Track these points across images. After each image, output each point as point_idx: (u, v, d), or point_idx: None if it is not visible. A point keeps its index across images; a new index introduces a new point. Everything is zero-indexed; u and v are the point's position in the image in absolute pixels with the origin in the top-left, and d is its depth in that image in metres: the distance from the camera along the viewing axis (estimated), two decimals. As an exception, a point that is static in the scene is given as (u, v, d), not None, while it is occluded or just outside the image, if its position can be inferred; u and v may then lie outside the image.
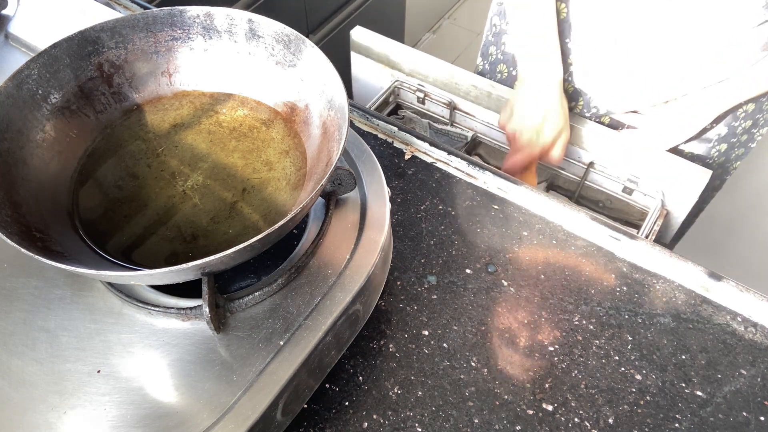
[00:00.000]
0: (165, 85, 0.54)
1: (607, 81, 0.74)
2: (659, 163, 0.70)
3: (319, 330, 0.42)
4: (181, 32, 0.52)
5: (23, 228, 0.40)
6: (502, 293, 0.56)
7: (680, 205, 0.72)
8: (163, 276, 0.38)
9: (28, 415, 0.39)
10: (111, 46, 0.51)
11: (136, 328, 0.43)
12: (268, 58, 0.52)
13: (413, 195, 0.64)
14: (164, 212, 0.47)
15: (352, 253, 0.47)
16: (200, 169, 0.49)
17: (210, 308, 0.40)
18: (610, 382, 0.50)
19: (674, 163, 0.69)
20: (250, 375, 0.40)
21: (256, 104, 0.53)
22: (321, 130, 0.49)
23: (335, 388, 0.50)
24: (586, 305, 0.55)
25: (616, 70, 0.72)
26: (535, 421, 0.48)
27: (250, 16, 0.51)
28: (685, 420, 0.48)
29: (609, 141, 0.73)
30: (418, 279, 0.56)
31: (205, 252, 0.44)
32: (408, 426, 0.47)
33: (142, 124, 0.52)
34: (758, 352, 0.52)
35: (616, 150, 0.73)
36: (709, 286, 0.56)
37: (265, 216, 0.46)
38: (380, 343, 0.52)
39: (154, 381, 0.41)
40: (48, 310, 0.44)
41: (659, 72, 0.69)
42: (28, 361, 0.41)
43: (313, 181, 0.46)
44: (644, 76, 0.70)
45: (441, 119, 0.85)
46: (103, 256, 0.44)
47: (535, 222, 0.61)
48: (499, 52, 0.85)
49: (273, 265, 0.47)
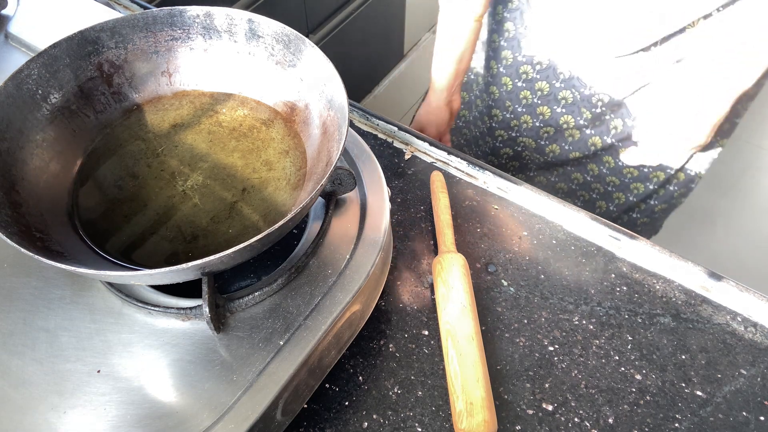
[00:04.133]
0: (165, 85, 0.54)
1: (588, 28, 0.74)
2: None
3: (319, 330, 0.42)
4: (181, 32, 0.52)
5: (23, 228, 0.40)
6: (502, 293, 0.56)
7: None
8: (163, 276, 0.38)
9: (28, 415, 0.39)
10: (111, 46, 0.51)
11: (136, 328, 0.43)
12: (268, 58, 0.52)
13: (413, 195, 0.64)
14: (164, 212, 0.47)
15: (352, 253, 0.47)
16: (200, 169, 0.49)
17: (210, 308, 0.40)
18: (610, 382, 0.50)
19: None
20: (250, 375, 0.40)
21: (256, 104, 0.53)
22: (321, 129, 0.49)
23: (335, 388, 0.50)
24: (586, 305, 0.55)
25: (596, 17, 0.73)
26: (535, 421, 0.48)
27: (250, 16, 0.51)
28: (685, 420, 0.48)
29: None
30: (418, 279, 0.56)
31: (205, 252, 0.44)
32: (408, 426, 0.47)
33: (142, 124, 0.52)
34: (758, 352, 0.52)
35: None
36: (709, 286, 0.56)
37: (265, 216, 0.46)
38: (380, 343, 0.52)
39: (154, 381, 0.41)
40: (48, 310, 0.44)
41: (638, 14, 0.70)
42: (28, 361, 0.41)
43: (313, 181, 0.46)
44: (624, 20, 0.71)
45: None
46: (103, 256, 0.44)
47: (535, 222, 0.61)
48: (501, 66, 0.86)
49: (273, 265, 0.47)
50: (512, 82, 0.85)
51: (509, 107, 0.88)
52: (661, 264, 0.58)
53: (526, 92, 0.84)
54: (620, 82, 0.76)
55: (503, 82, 0.86)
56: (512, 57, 0.83)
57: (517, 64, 0.83)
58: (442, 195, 0.61)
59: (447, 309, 0.51)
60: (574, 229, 0.61)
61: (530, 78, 0.82)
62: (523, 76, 0.83)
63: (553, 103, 0.82)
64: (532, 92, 0.84)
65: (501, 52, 0.85)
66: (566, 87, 0.80)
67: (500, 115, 0.90)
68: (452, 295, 0.51)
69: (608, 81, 0.76)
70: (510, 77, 0.85)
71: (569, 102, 0.81)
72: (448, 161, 0.67)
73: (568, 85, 0.79)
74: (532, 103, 0.84)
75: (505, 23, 0.82)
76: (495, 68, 0.87)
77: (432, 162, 0.67)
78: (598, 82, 0.77)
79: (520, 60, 0.82)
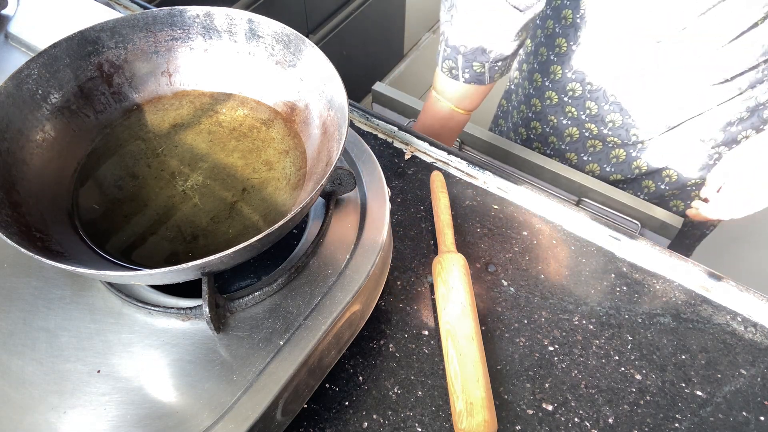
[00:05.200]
0: (165, 85, 0.54)
1: (611, 113, 0.77)
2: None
3: (319, 330, 0.42)
4: (181, 32, 0.52)
5: (23, 228, 0.40)
6: (502, 293, 0.56)
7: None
8: (163, 276, 0.38)
9: (28, 415, 0.39)
10: (111, 46, 0.51)
11: (136, 328, 0.43)
12: (268, 57, 0.52)
13: (413, 195, 0.64)
14: (164, 212, 0.47)
15: (352, 253, 0.47)
16: (200, 169, 0.49)
17: (210, 308, 0.40)
18: (610, 382, 0.50)
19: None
20: (250, 375, 0.40)
21: (256, 104, 0.53)
22: (321, 129, 0.49)
23: (335, 388, 0.50)
24: (586, 305, 0.55)
25: (620, 102, 0.75)
26: (535, 421, 0.48)
27: (250, 16, 0.51)
28: (685, 420, 0.48)
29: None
30: (418, 279, 0.56)
31: (205, 252, 0.44)
32: (408, 426, 0.47)
33: (142, 124, 0.52)
34: (758, 352, 0.52)
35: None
36: (709, 286, 0.56)
37: (265, 216, 0.46)
38: (380, 343, 0.52)
39: (154, 381, 0.41)
40: (48, 310, 0.44)
41: (658, 103, 0.73)
42: (28, 361, 0.41)
43: (313, 181, 0.46)
44: (645, 107, 0.74)
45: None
46: (103, 256, 0.44)
47: (535, 222, 0.61)
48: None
49: (273, 265, 0.47)
50: (558, 97, 0.83)
51: (552, 121, 0.86)
52: (661, 264, 0.58)
53: (571, 108, 0.82)
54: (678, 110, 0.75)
55: (547, 95, 0.84)
56: (561, 72, 0.81)
57: (565, 81, 0.81)
58: (442, 195, 0.61)
59: (447, 309, 0.51)
60: (574, 229, 0.61)
61: (578, 96, 0.81)
62: (570, 93, 0.81)
63: (600, 124, 0.81)
64: (579, 110, 0.82)
65: (550, 66, 0.82)
66: (615, 110, 0.78)
67: (540, 128, 0.88)
68: (452, 295, 0.51)
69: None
70: (556, 92, 0.83)
71: (616, 125, 0.79)
72: (448, 161, 0.67)
73: (616, 108, 0.78)
74: (579, 119, 0.83)
75: (557, 38, 0.80)
76: (539, 81, 0.85)
77: (432, 162, 0.67)
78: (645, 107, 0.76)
79: (570, 77, 0.80)
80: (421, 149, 0.68)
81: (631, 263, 0.58)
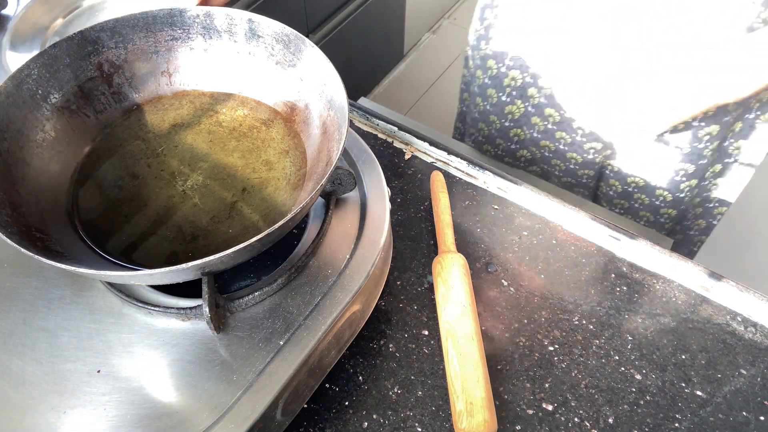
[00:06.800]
0: (165, 85, 0.54)
1: (601, 113, 0.78)
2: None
3: (319, 330, 0.42)
4: (181, 32, 0.52)
5: (23, 228, 0.40)
6: (502, 293, 0.56)
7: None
8: (163, 276, 0.38)
9: (28, 415, 0.39)
10: (111, 46, 0.51)
11: (136, 328, 0.43)
12: (268, 57, 0.52)
13: (413, 195, 0.64)
14: (164, 212, 0.47)
15: (352, 253, 0.47)
16: (200, 169, 0.49)
17: (210, 308, 0.40)
18: (610, 382, 0.50)
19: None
20: (250, 375, 0.40)
21: (256, 104, 0.53)
22: (321, 129, 0.49)
23: (335, 388, 0.50)
24: (586, 305, 0.55)
25: (610, 104, 0.76)
26: (535, 421, 0.48)
27: (250, 16, 0.51)
28: (685, 420, 0.48)
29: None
30: (418, 279, 0.56)
31: (205, 252, 0.44)
32: (408, 426, 0.47)
33: (141, 124, 0.52)
34: (758, 352, 0.52)
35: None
36: (709, 286, 0.56)
37: (265, 216, 0.46)
38: (380, 343, 0.52)
39: (154, 381, 0.41)
40: (48, 310, 0.44)
41: (651, 104, 0.74)
42: (28, 361, 0.41)
43: (313, 181, 0.46)
44: (636, 108, 0.75)
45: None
46: (103, 256, 0.44)
47: (535, 222, 0.61)
48: (488, 48, 0.85)
49: (273, 265, 0.47)
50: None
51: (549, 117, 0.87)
52: (661, 264, 0.58)
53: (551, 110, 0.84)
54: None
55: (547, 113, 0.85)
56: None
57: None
58: (442, 195, 0.61)
59: (447, 309, 0.51)
60: (574, 229, 0.61)
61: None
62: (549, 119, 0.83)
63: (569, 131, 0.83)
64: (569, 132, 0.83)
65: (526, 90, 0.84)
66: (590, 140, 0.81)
67: (523, 135, 0.89)
68: (452, 295, 0.51)
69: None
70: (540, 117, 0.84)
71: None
72: (448, 161, 0.67)
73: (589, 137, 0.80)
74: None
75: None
76: (536, 98, 0.86)
77: (432, 162, 0.67)
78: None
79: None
80: (421, 149, 0.68)
81: (631, 263, 0.58)
